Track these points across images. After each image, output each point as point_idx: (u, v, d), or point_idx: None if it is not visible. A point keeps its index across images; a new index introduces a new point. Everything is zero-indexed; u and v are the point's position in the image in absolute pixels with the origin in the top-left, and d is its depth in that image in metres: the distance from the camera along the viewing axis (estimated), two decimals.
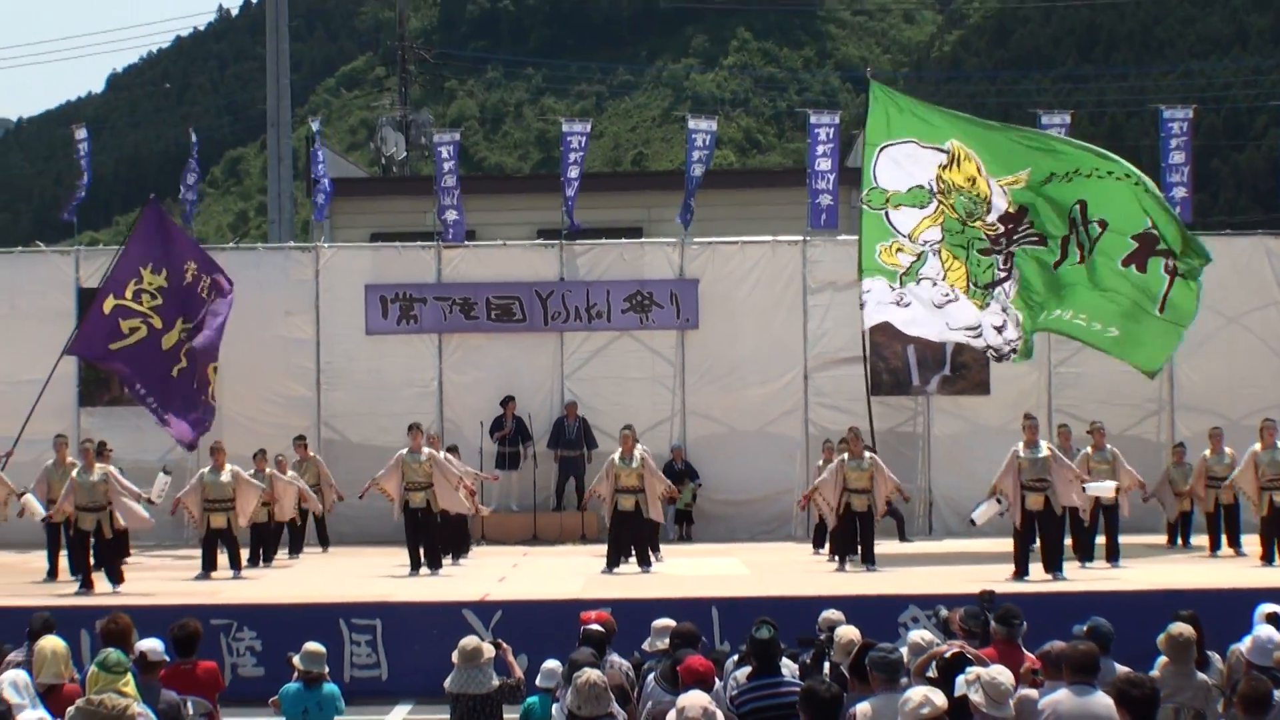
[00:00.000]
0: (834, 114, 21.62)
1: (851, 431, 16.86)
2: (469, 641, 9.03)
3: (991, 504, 15.28)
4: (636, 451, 16.32)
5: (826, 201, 20.44)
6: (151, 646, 8.48)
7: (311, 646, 9.33)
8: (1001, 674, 6.62)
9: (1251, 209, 46.01)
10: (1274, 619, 8.95)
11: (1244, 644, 8.63)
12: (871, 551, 16.19)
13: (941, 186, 17.33)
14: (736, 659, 9.05)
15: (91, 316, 18.57)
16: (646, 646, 9.52)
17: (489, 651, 9.02)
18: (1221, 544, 17.29)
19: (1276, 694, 6.94)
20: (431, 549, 16.38)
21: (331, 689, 9.31)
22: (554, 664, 9.14)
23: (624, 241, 21.66)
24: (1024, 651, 8.70)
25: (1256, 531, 16.49)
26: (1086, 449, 16.91)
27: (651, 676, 8.38)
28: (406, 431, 16.61)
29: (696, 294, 20.82)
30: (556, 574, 16.07)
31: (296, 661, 9.31)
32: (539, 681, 9.21)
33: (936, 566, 16.22)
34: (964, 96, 61.03)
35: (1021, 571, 15.00)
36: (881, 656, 7.01)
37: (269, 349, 20.56)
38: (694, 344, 20.86)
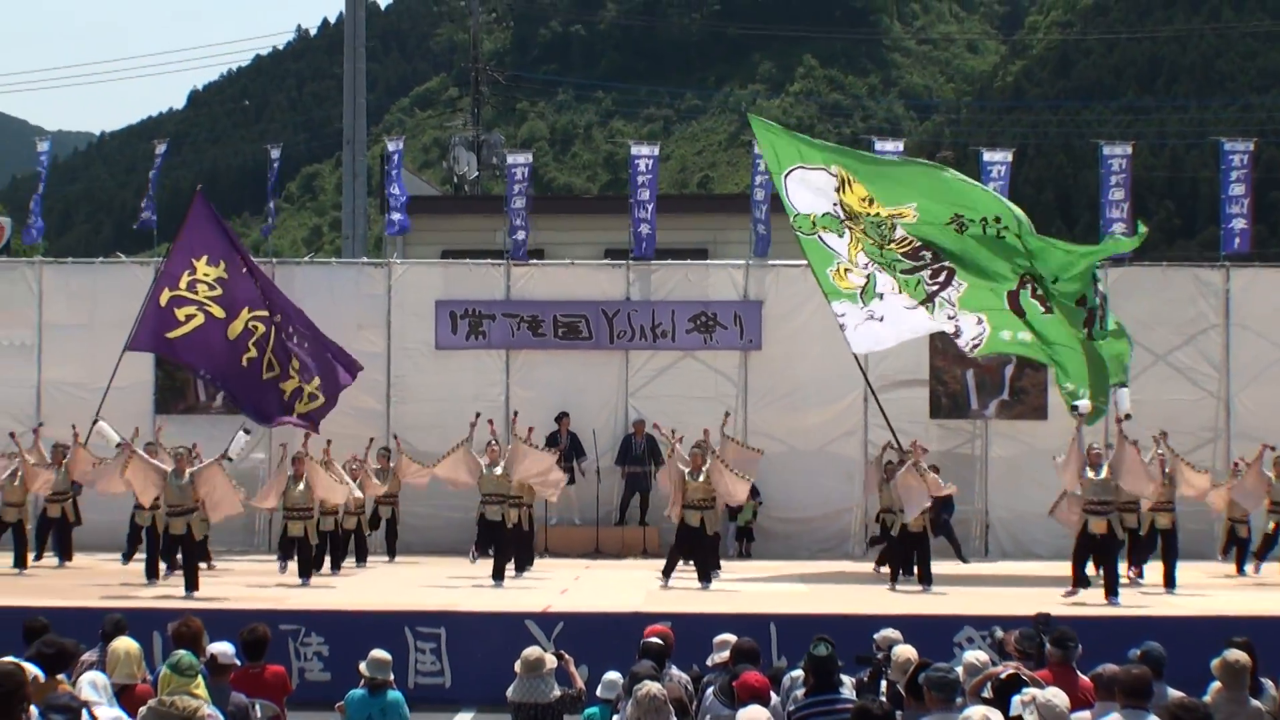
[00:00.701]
0: (898, 141, 21.72)
1: (910, 444, 16.88)
2: (532, 651, 9.17)
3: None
4: (705, 466, 16.37)
5: None
6: (222, 650, 8.64)
7: (377, 654, 9.45)
8: (1057, 696, 6.65)
9: None
10: None
11: None
12: (929, 571, 16.27)
13: (847, 211, 17.37)
14: (798, 676, 9.12)
15: (149, 311, 18.44)
16: (709, 661, 9.64)
17: (551, 662, 9.16)
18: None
19: None
20: (500, 561, 16.69)
21: (396, 696, 9.39)
22: (615, 675, 9.26)
23: (690, 263, 21.87)
24: (1079, 674, 8.75)
25: None
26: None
27: (710, 691, 8.46)
28: (484, 450, 17.04)
29: (760, 315, 20.97)
30: (618, 587, 16.26)
31: (362, 668, 9.43)
32: (600, 692, 9.37)
33: (992, 588, 16.28)
34: (1025, 125, 60.67)
35: (1080, 583, 15.16)
36: (939, 676, 7.04)
37: None
38: (757, 365, 20.98)
